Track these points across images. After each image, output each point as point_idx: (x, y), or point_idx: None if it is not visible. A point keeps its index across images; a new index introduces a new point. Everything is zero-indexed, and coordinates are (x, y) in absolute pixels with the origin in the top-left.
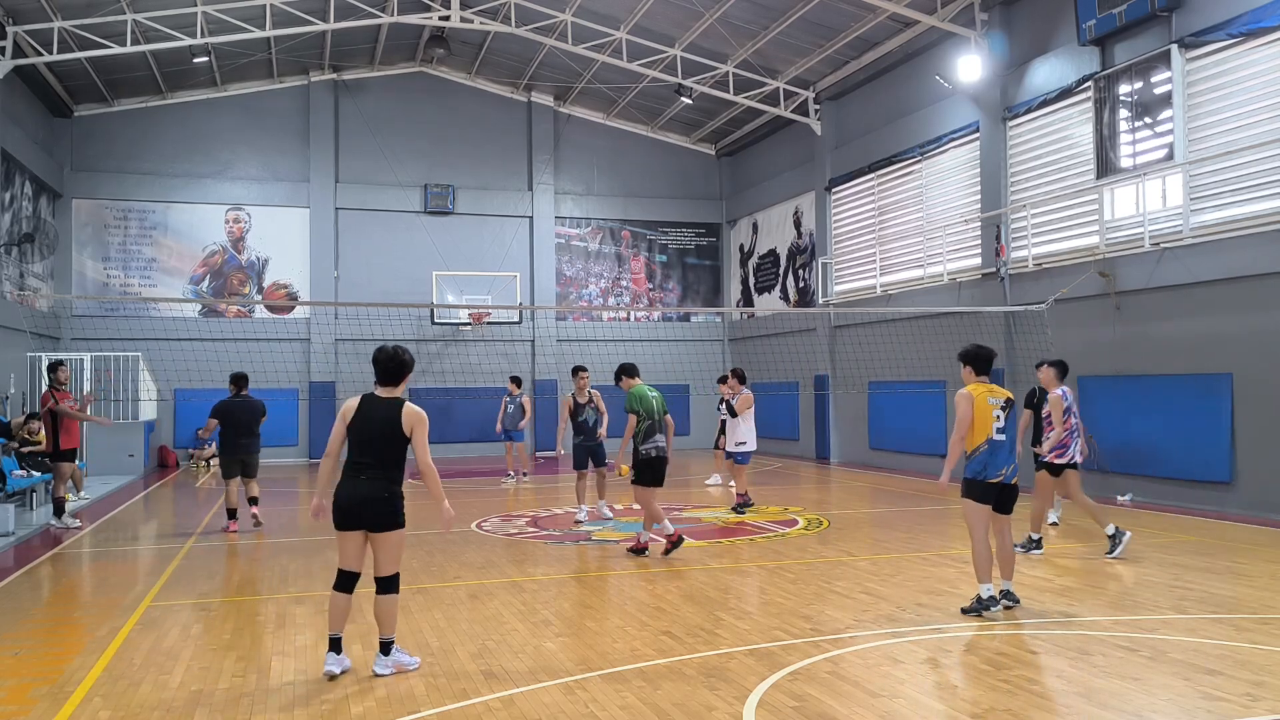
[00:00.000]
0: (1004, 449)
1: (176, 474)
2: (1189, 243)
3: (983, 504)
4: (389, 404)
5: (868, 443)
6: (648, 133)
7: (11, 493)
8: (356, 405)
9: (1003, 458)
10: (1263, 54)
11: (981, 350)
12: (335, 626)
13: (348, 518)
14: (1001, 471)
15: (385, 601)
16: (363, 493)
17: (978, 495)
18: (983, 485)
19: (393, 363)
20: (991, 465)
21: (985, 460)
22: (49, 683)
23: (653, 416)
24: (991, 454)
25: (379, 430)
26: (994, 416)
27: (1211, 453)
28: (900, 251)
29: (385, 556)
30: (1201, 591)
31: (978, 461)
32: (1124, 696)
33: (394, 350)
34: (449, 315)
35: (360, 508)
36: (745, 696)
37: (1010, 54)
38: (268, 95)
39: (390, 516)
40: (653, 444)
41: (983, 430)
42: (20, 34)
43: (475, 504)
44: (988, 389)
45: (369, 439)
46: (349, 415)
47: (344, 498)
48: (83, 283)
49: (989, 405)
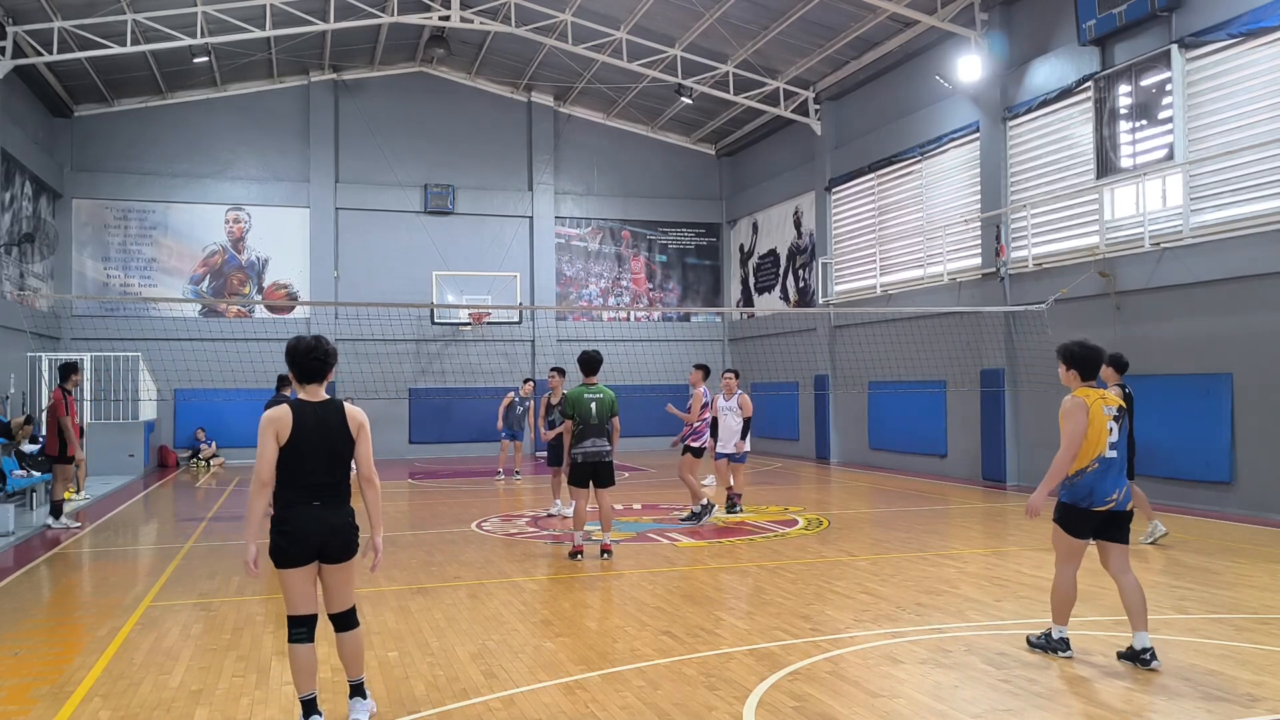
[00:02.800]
0: (1115, 468)
1: (176, 474)
2: (1189, 243)
3: (1079, 538)
4: (326, 407)
5: (868, 443)
6: (648, 133)
7: (11, 493)
8: (290, 417)
9: (1113, 479)
10: (1263, 54)
11: (1089, 350)
12: (306, 686)
13: (304, 551)
14: (1112, 497)
15: (353, 638)
16: (329, 521)
17: (1074, 526)
18: (1085, 514)
19: (314, 354)
20: (1099, 490)
21: (1093, 484)
22: (49, 683)
23: (587, 420)
24: (1101, 476)
25: (328, 441)
26: (1108, 430)
27: (1211, 453)
28: (900, 251)
29: (345, 590)
30: (1201, 591)
31: (1084, 485)
32: (1124, 696)
33: (314, 340)
34: (449, 315)
35: (322, 538)
36: (745, 696)
37: (1010, 54)
38: (268, 95)
39: (353, 542)
40: (581, 448)
41: (1095, 446)
42: (20, 34)
43: (475, 504)
44: (1100, 396)
45: (312, 453)
46: (283, 431)
47: (303, 529)
48: (83, 283)
49: (1104, 416)
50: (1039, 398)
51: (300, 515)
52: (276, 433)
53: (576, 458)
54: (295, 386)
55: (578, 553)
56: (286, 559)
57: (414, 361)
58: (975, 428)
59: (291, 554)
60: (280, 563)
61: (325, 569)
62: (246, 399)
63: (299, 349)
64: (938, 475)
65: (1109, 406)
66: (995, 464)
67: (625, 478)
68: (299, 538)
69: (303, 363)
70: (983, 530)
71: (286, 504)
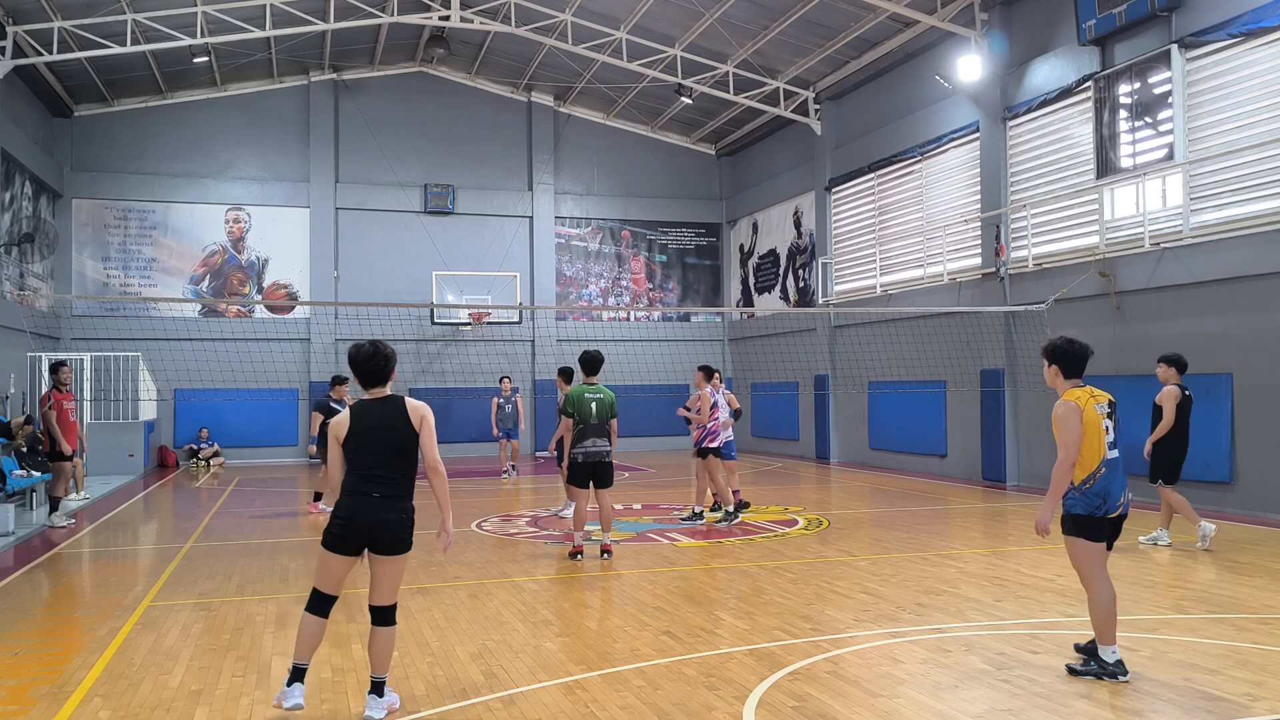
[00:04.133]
0: (1119, 469)
1: (176, 474)
2: (1189, 243)
3: (1099, 541)
4: (386, 404)
5: (868, 443)
6: (648, 133)
7: (11, 493)
8: (348, 419)
9: (1120, 480)
10: (1263, 54)
11: (1073, 346)
12: (304, 655)
13: (354, 540)
14: (1123, 499)
15: (385, 635)
16: (378, 514)
17: (1093, 533)
18: (1102, 522)
19: (375, 360)
20: (1112, 493)
21: (1104, 489)
22: (49, 683)
23: (587, 420)
24: (1110, 479)
25: (385, 437)
26: (1104, 429)
27: (1211, 453)
28: (900, 251)
29: (391, 584)
30: (1201, 591)
31: (1096, 493)
32: (1124, 696)
33: (372, 347)
34: (449, 315)
35: (374, 530)
36: (745, 696)
37: (1010, 54)
38: (268, 95)
39: (406, 539)
40: (581, 448)
41: (1095, 451)
42: (20, 34)
43: (475, 504)
44: (1090, 395)
45: (374, 448)
46: (342, 432)
47: (352, 518)
48: (83, 283)
49: (1098, 416)
50: (1039, 398)
51: (350, 502)
52: (337, 436)
53: (577, 457)
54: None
55: (578, 553)
56: (336, 544)
57: (414, 361)
58: (975, 428)
59: (342, 540)
60: (328, 545)
61: (375, 560)
62: (246, 399)
63: (359, 358)
64: (938, 475)
65: (1100, 404)
66: (995, 464)
67: (625, 477)
68: (352, 526)
69: (365, 369)
70: (983, 530)
71: (347, 492)
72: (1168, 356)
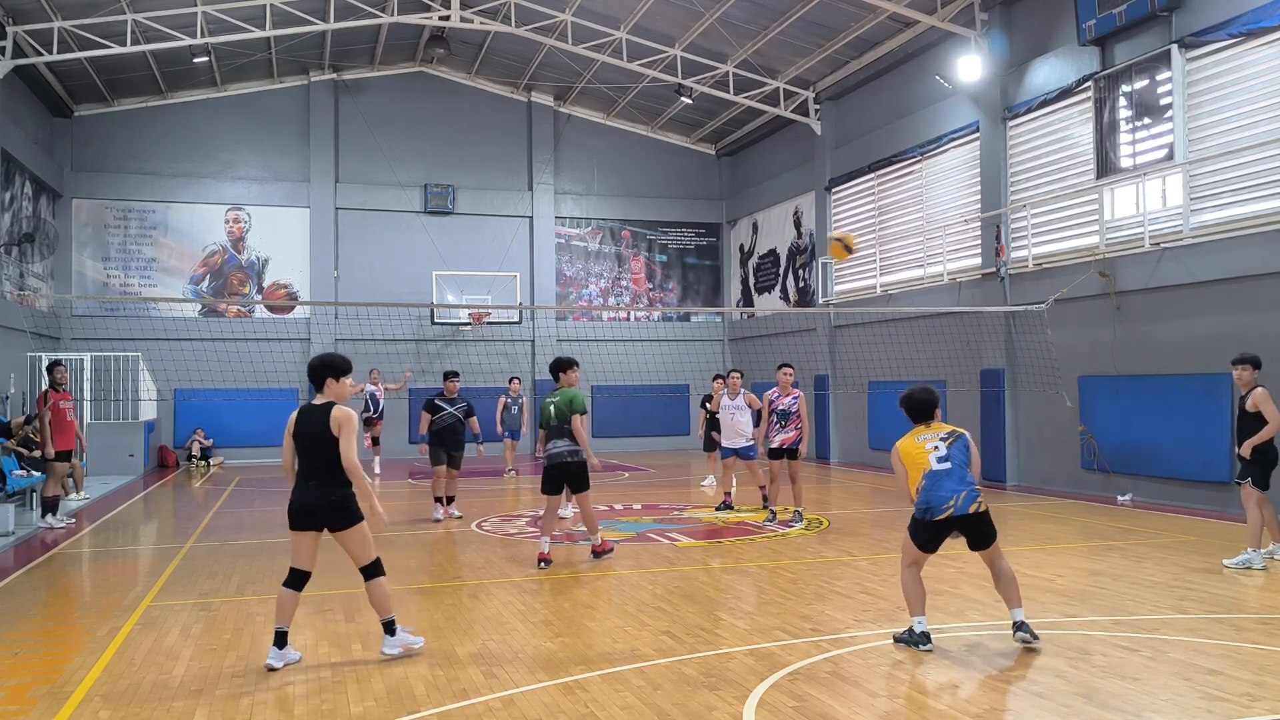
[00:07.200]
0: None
1: (176, 474)
2: (1189, 243)
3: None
4: (320, 410)
5: (868, 443)
6: (648, 133)
7: (11, 493)
8: (295, 417)
9: (944, 489)
10: (1263, 54)
11: (910, 398)
12: (282, 620)
13: (300, 521)
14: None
15: (374, 586)
16: (313, 499)
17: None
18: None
19: (314, 369)
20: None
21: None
22: (49, 683)
23: (547, 424)
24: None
25: (316, 438)
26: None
27: (1211, 453)
28: (900, 251)
29: (358, 550)
30: (1201, 591)
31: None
32: (1124, 696)
33: (319, 357)
34: (449, 315)
35: (313, 514)
36: (745, 696)
37: (1010, 54)
38: (268, 95)
39: (345, 516)
40: (546, 452)
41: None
42: (20, 34)
43: (475, 504)
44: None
45: (307, 447)
46: (291, 427)
47: (296, 503)
48: (83, 283)
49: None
50: (1039, 398)
51: (296, 490)
52: (288, 429)
53: (542, 462)
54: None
55: (543, 560)
56: (292, 522)
57: (414, 361)
58: (975, 428)
59: (295, 518)
60: (290, 525)
61: (336, 538)
62: (247, 399)
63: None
64: None
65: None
66: (995, 464)
67: (625, 478)
68: (292, 508)
69: (310, 377)
70: None
71: (296, 480)
72: (1245, 357)
